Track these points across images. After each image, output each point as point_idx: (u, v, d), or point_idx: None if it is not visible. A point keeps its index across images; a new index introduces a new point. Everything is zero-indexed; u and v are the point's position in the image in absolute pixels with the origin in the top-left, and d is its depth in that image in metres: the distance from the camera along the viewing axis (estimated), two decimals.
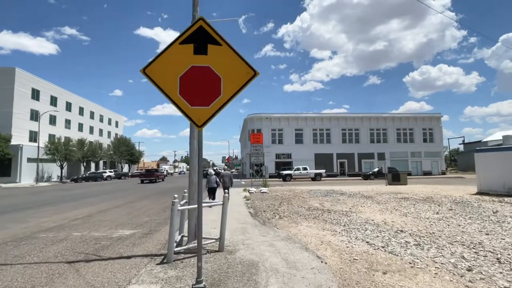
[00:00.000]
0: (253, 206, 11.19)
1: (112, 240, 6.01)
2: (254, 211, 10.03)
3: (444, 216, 8.59)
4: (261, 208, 10.65)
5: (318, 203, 12.07)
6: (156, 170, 36.93)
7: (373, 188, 19.38)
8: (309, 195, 15.53)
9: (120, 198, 15.24)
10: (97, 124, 55.12)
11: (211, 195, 11.99)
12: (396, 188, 19.81)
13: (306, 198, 13.71)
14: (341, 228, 7.07)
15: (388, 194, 15.27)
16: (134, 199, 14.83)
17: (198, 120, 3.58)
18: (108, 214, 9.69)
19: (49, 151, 35.27)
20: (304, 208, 10.54)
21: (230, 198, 13.80)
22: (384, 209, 10.29)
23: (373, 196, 14.56)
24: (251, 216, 9.02)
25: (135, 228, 7.27)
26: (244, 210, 10.24)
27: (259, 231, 6.89)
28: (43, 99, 39.64)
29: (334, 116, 40.39)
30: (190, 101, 3.59)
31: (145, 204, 12.28)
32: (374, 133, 40.71)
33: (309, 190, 18.15)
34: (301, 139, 39.68)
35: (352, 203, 11.88)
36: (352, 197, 14.22)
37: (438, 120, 41.66)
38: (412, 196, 14.20)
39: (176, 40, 3.63)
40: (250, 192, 16.91)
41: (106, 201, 14.07)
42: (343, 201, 12.74)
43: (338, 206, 11.26)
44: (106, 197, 16.29)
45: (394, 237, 6.11)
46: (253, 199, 13.69)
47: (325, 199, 13.29)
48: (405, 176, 22.79)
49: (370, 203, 11.83)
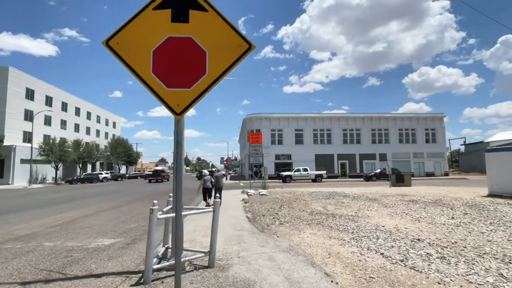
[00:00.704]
0: (251, 210, 10.39)
1: (87, 252, 5.19)
2: (252, 216, 9.22)
3: (461, 221, 7.79)
4: (259, 212, 9.85)
5: (321, 207, 11.28)
6: (162, 171, 39.02)
7: (377, 190, 18.60)
8: (310, 197, 14.74)
9: (111, 201, 14.42)
10: (94, 124, 54.28)
11: (207, 196, 11.78)
12: (400, 189, 19.03)
13: (308, 201, 12.91)
14: (350, 236, 6.28)
15: (394, 196, 14.48)
16: (125, 202, 14.01)
17: (176, 106, 2.78)
18: (92, 219, 8.87)
19: (43, 152, 34.40)
20: (306, 212, 9.74)
21: (227, 200, 13.03)
22: (393, 213, 9.50)
23: (378, 198, 13.77)
24: (249, 222, 8.21)
25: (117, 237, 6.46)
26: (241, 215, 9.43)
27: (257, 239, 6.09)
28: (38, 99, 38.80)
29: (335, 116, 39.61)
30: (166, 82, 2.80)
31: (135, 208, 11.47)
32: (376, 134, 39.92)
33: (310, 192, 17.36)
34: (301, 140, 38.89)
35: (358, 207, 11.09)
36: (357, 199, 13.43)
37: (441, 120, 40.89)
38: (420, 198, 13.41)
39: (148, 4, 2.83)
40: (248, 194, 16.11)
41: (95, 204, 13.25)
42: (347, 204, 11.95)
43: (343, 209, 10.47)
44: (96, 199, 15.47)
45: (412, 248, 5.31)
46: (252, 202, 12.89)
47: (328, 202, 12.50)
48: (409, 177, 22.02)
49: (377, 207, 11.04)
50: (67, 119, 45.60)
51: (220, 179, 12.38)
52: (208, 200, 11.66)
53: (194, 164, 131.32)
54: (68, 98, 46.19)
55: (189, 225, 7.48)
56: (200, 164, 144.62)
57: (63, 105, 44.53)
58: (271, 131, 38.29)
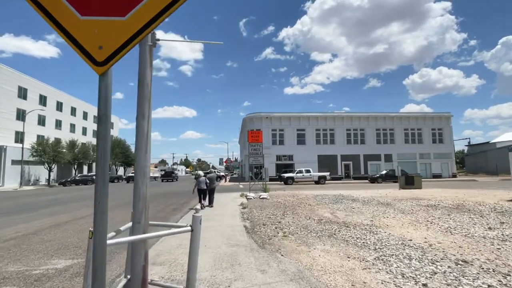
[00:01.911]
0: (250, 217, 9.06)
1: (27, 281, 3.87)
2: (251, 225, 7.90)
3: (503, 233, 6.45)
4: (259, 220, 8.53)
5: (329, 213, 9.95)
6: (172, 172, 46.16)
7: (386, 193, 17.26)
8: (316, 201, 13.41)
9: (92, 207, 13.11)
10: (91, 125, 53.05)
11: (202, 197, 11.72)
12: (411, 192, 17.68)
13: (314, 206, 11.58)
14: (373, 255, 4.95)
15: (408, 200, 13.14)
16: (110, 207, 12.69)
17: (96, 50, 1.48)
18: (60, 230, 7.56)
19: (36, 153, 33.14)
20: (313, 221, 8.41)
21: (223, 205, 11.64)
22: (414, 221, 8.16)
23: (391, 203, 12.43)
24: (247, 233, 6.89)
25: (77, 256, 5.14)
26: (238, 224, 8.10)
27: (255, 260, 4.76)
28: (31, 98, 37.57)
29: (338, 115, 38.21)
30: (81, 7, 1.49)
31: (115, 216, 10.15)
32: (381, 133, 38.53)
33: (315, 195, 16.03)
34: (303, 140, 37.53)
35: (371, 213, 9.77)
36: (367, 204, 12.10)
37: (448, 120, 39.47)
38: (438, 203, 12.06)
39: None
40: (248, 198, 14.78)
41: (76, 209, 11.95)
42: (358, 209, 10.62)
43: (355, 216, 9.15)
44: (80, 204, 14.16)
45: (463, 275, 3.98)
46: (251, 207, 11.56)
47: (337, 207, 11.16)
48: (420, 179, 20.66)
49: (393, 213, 9.71)
50: (62, 119, 44.38)
51: (213, 180, 12.48)
52: (202, 201, 11.69)
53: (194, 165, 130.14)
54: (63, 97, 44.99)
55: (174, 239, 6.16)
56: (200, 165, 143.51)
57: (58, 104, 43.32)
58: (272, 131, 36.96)
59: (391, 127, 38.61)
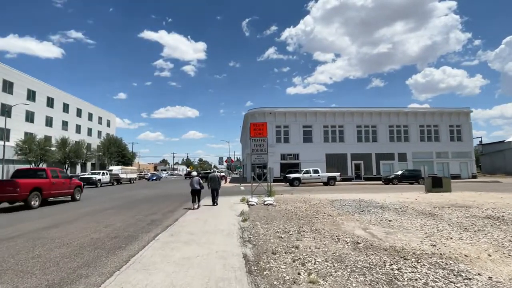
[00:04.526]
0: (252, 237, 6.34)
1: None
2: (255, 253, 5.18)
3: None
4: (267, 243, 5.82)
5: (362, 229, 7.23)
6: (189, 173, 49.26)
7: (415, 197, 14.49)
8: (334, 209, 10.68)
9: (62, 214, 10.45)
10: (85, 122, 50.58)
11: (195, 198, 11.26)
12: (443, 196, 14.90)
13: (335, 217, 8.84)
14: None
15: (452, 209, 10.37)
16: (75, 216, 10.05)
17: None
18: None
19: (20, 151, 30.63)
20: (346, 244, 5.70)
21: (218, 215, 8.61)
22: (498, 246, 5.46)
23: (434, 212, 9.67)
24: (247, 274, 4.16)
25: None
26: (234, 250, 5.36)
27: None
28: (18, 93, 35.06)
29: (348, 111, 35.19)
30: None
31: (65, 234, 7.50)
32: (394, 131, 35.53)
33: (330, 200, 13.28)
34: (310, 137, 34.66)
35: (419, 228, 7.10)
36: (404, 214, 9.35)
37: (467, 116, 36.40)
38: (497, 212, 9.27)
39: None
40: (249, 204, 12.05)
41: (45, 217, 9.30)
42: (397, 223, 7.89)
43: (400, 235, 6.45)
44: (41, 212, 11.51)
45: None
46: (254, 218, 8.84)
47: (367, 220, 8.43)
48: (449, 182, 17.86)
49: (451, 229, 7.00)
50: (54, 116, 41.85)
51: (216, 180, 11.99)
52: (194, 203, 11.14)
53: (195, 165, 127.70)
54: (54, 93, 42.47)
55: None
56: (202, 165, 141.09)
57: (48, 100, 40.79)
58: (276, 128, 34.15)
59: (405, 124, 35.61)
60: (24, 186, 11.37)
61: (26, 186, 11.52)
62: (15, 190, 11.02)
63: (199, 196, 11.45)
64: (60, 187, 13.63)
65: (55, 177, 13.48)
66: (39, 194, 12.12)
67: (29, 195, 11.55)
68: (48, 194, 12.81)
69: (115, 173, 34.31)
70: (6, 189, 11.01)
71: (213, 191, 11.98)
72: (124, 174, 37.45)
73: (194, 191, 11.23)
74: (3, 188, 11.04)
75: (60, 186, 13.67)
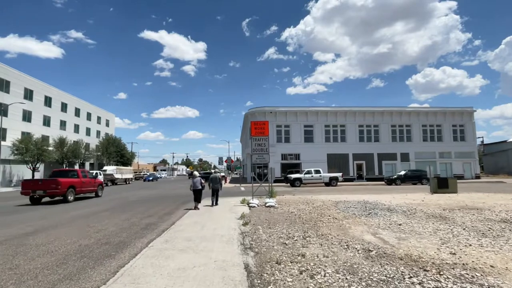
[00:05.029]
0: (254, 244, 5.85)
1: None
2: (258, 262, 4.68)
3: None
4: (270, 250, 5.33)
5: (371, 234, 6.76)
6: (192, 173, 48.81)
7: (421, 199, 14.00)
8: (339, 211, 10.21)
9: (48, 218, 9.97)
10: (84, 122, 50.02)
11: (197, 197, 11.34)
12: (450, 198, 14.43)
13: (341, 220, 8.35)
14: None
15: (463, 211, 9.89)
16: (53, 224, 9.57)
17: None
18: None
19: (17, 151, 30.10)
20: (356, 252, 5.22)
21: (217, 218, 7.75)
22: None
23: (444, 214, 9.20)
24: (250, 287, 3.67)
25: None
26: (235, 259, 4.86)
27: None
28: (15, 92, 34.49)
29: (350, 110, 34.66)
30: None
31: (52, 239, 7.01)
32: (397, 130, 35.01)
33: (334, 202, 12.80)
34: (311, 137, 34.16)
35: (433, 233, 6.66)
36: (413, 217, 8.87)
37: (470, 115, 35.90)
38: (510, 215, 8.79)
39: None
40: (250, 205, 11.56)
41: (35, 219, 8.81)
42: (408, 227, 7.42)
43: (414, 241, 5.98)
44: (22, 216, 11.03)
45: None
46: (255, 221, 8.35)
47: (374, 223, 7.95)
48: (455, 182, 17.38)
49: (468, 235, 6.53)
50: (51, 115, 41.28)
51: (217, 181, 12.04)
52: (196, 203, 11.25)
53: (195, 165, 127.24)
54: (52, 92, 41.92)
55: None
56: (202, 165, 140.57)
57: (46, 99, 40.22)
58: (277, 127, 33.63)
59: (408, 123, 35.09)
60: (63, 183, 13.78)
61: (65, 184, 13.94)
62: (57, 187, 13.36)
63: (200, 196, 11.58)
64: (87, 185, 16.06)
65: (84, 177, 15.96)
66: (73, 190, 14.49)
67: (67, 191, 13.93)
68: (79, 190, 15.19)
69: (109, 173, 33.66)
70: (50, 186, 13.37)
71: (213, 191, 12.07)
72: (119, 174, 36.80)
73: (196, 191, 11.32)
74: (48, 185, 13.39)
75: (88, 184, 16.10)
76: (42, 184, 13.59)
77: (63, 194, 13.72)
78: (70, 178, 14.79)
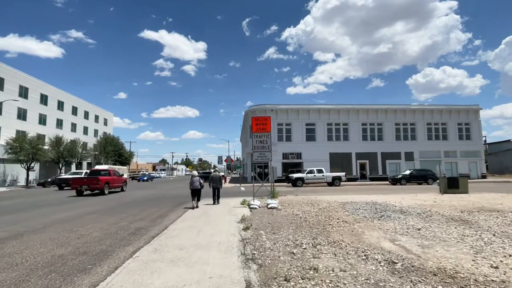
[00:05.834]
0: (256, 253, 5.00)
1: None
2: (261, 280, 3.84)
3: None
4: (275, 262, 4.50)
5: (389, 240, 5.95)
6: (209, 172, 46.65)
7: (434, 200, 13.16)
8: (347, 213, 9.39)
9: (32, 220, 9.14)
10: (81, 121, 49.18)
11: (195, 197, 11.27)
12: (463, 198, 13.61)
13: (352, 224, 7.52)
14: None
15: (482, 213, 9.08)
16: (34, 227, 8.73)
17: None
18: None
19: (11, 150, 29.25)
20: (378, 263, 4.40)
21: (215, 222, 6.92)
22: None
23: (464, 218, 8.36)
24: None
25: None
26: (233, 276, 4.01)
27: None
28: (9, 89, 33.65)
29: (353, 108, 33.76)
30: None
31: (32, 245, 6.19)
32: (401, 129, 34.15)
33: (340, 202, 11.96)
34: (313, 136, 33.30)
35: (459, 239, 5.91)
36: (430, 220, 8.05)
37: (476, 114, 35.01)
38: None
39: None
40: (251, 207, 10.73)
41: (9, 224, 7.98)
42: (428, 231, 6.62)
43: (441, 250, 5.18)
44: (4, 218, 10.20)
45: None
46: (257, 225, 7.52)
47: (390, 227, 7.13)
48: (466, 182, 16.55)
49: (500, 242, 5.74)
50: (48, 114, 40.44)
51: (217, 180, 12.04)
52: (193, 202, 11.18)
53: (195, 165, 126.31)
54: (48, 90, 41.07)
55: None
56: (201, 165, 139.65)
57: (42, 97, 39.39)
58: (278, 126, 32.78)
59: (412, 122, 34.21)
60: (102, 180, 17.69)
61: (103, 180, 17.76)
62: (98, 183, 17.35)
63: (199, 195, 11.52)
64: (117, 182, 20.00)
65: (114, 175, 19.82)
66: (108, 186, 18.20)
67: (104, 186, 17.63)
68: (112, 186, 18.96)
69: None
70: (93, 182, 17.32)
71: (214, 190, 12.09)
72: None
73: (194, 190, 11.26)
74: (91, 181, 17.35)
75: (117, 181, 20.06)
76: (87, 181, 17.47)
77: (102, 189, 17.38)
78: (106, 176, 18.38)
